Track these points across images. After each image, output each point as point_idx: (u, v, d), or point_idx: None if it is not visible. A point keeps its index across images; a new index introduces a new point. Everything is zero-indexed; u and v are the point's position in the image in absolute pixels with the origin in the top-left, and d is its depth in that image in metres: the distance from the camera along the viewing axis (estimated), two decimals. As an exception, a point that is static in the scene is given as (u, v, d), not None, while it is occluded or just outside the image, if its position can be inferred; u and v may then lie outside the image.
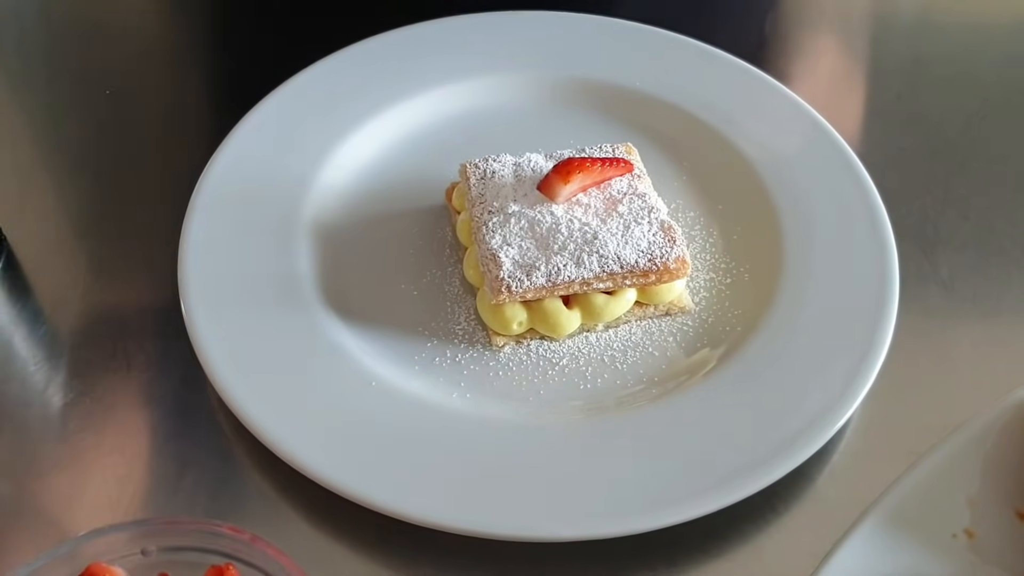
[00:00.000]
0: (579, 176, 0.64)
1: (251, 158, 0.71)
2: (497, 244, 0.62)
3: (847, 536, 0.49)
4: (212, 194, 0.69)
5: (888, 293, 0.63)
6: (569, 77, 0.78)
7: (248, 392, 0.58)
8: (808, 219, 0.68)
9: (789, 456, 0.56)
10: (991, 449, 0.51)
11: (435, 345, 0.64)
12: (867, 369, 0.60)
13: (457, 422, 0.59)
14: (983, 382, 0.63)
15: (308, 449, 0.56)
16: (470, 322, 0.65)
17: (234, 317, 0.62)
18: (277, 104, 0.75)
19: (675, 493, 0.55)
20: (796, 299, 0.64)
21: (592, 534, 0.54)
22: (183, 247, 0.65)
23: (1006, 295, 0.69)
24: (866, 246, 0.66)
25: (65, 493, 0.58)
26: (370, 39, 0.80)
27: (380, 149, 0.74)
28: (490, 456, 0.57)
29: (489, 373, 0.62)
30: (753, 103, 0.76)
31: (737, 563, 0.56)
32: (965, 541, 0.50)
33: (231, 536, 0.46)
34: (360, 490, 0.55)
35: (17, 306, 0.68)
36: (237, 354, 0.60)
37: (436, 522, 0.54)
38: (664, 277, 0.62)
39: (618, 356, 0.63)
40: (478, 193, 0.65)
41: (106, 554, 0.47)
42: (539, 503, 0.55)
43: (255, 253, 0.66)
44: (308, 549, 0.56)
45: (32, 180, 0.77)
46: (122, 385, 0.63)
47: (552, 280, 0.61)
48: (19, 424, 0.61)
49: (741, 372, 0.61)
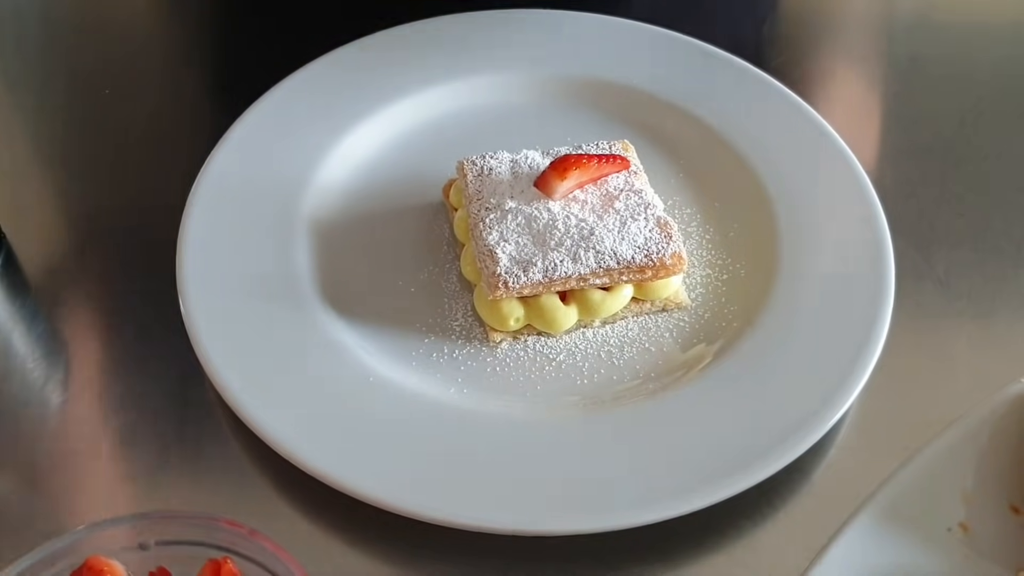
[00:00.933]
0: (576, 173, 0.64)
1: (248, 156, 0.72)
2: (494, 240, 0.62)
3: (842, 530, 0.49)
4: (210, 192, 0.69)
5: (884, 289, 0.63)
6: (565, 75, 0.78)
7: (246, 388, 0.58)
8: (804, 216, 0.68)
9: (785, 451, 0.56)
10: (986, 444, 0.52)
11: (432, 341, 0.64)
12: (862, 365, 0.60)
13: (454, 417, 0.59)
14: (978, 378, 0.64)
15: (306, 444, 0.56)
16: (467, 318, 0.65)
17: (232, 314, 0.62)
18: (274, 103, 0.75)
19: (672, 487, 0.55)
20: (792, 296, 0.64)
21: (589, 528, 0.54)
22: (181, 245, 0.66)
23: (1001, 292, 0.69)
24: (862, 243, 0.66)
25: (64, 490, 0.58)
26: (366, 38, 0.80)
27: (377, 147, 0.75)
28: (488, 451, 0.57)
29: (486, 369, 0.63)
30: (750, 101, 0.76)
31: (732, 557, 0.56)
32: (960, 535, 0.50)
33: (229, 530, 0.46)
34: (358, 485, 0.55)
35: (16, 304, 0.68)
36: (235, 351, 0.60)
37: (434, 517, 0.54)
38: (660, 273, 0.63)
39: (615, 352, 0.64)
40: (475, 190, 0.66)
41: (104, 548, 0.46)
42: (537, 498, 0.55)
43: (253, 251, 0.67)
44: (306, 543, 0.56)
45: (31, 178, 0.77)
46: (121, 382, 0.64)
47: (549, 276, 0.61)
48: (17, 421, 0.61)
49: (737, 368, 0.61)
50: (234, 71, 0.87)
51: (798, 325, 0.63)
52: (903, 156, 0.78)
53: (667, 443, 0.57)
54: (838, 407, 0.58)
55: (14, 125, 0.82)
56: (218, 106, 0.84)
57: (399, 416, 0.59)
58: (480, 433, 0.58)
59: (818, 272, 0.65)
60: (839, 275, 0.65)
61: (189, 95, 0.85)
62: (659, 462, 0.56)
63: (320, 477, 0.55)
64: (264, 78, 0.77)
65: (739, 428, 0.58)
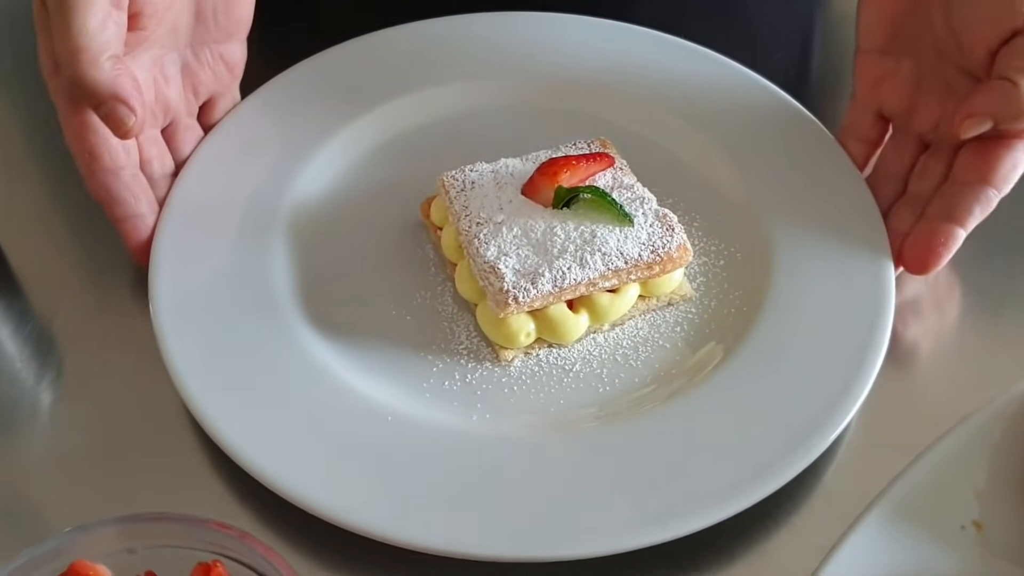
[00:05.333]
0: (566, 175, 0.62)
1: (214, 182, 0.68)
2: (493, 255, 0.60)
3: (853, 529, 0.47)
4: (175, 241, 0.64)
5: (885, 281, 0.61)
6: (519, 77, 0.75)
7: (264, 451, 0.55)
8: (787, 193, 0.67)
9: (808, 448, 0.55)
10: (999, 440, 0.50)
11: (441, 369, 0.61)
12: (871, 361, 0.58)
13: (482, 446, 0.56)
14: (989, 372, 0.62)
15: (338, 498, 0.53)
16: (472, 339, 0.62)
17: (234, 378, 0.58)
18: (225, 135, 0.71)
19: (700, 495, 0.53)
20: (793, 281, 0.63)
21: (625, 546, 0.52)
22: (153, 300, 0.61)
23: (1011, 286, 0.67)
24: (856, 222, 0.65)
25: (52, 492, 0.57)
26: (315, 56, 0.76)
27: (338, 172, 0.71)
28: (525, 475, 0.55)
29: (504, 390, 0.60)
30: (708, 82, 0.74)
31: (742, 558, 0.54)
32: (974, 533, 0.49)
33: (219, 532, 0.45)
34: (396, 532, 0.52)
35: (4, 303, 0.66)
36: (246, 417, 0.56)
37: (478, 554, 0.52)
38: (668, 267, 0.61)
39: (630, 354, 0.62)
40: (461, 206, 0.63)
41: (90, 551, 0.45)
42: (571, 520, 0.53)
43: (236, 277, 0.63)
44: (298, 546, 0.54)
45: (21, 177, 0.75)
46: (111, 384, 0.62)
47: (559, 285, 0.59)
48: (6, 422, 0.60)
49: (750, 364, 0.59)
50: None
51: (804, 312, 0.61)
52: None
53: (692, 452, 0.55)
54: (851, 404, 0.56)
55: (5, 123, 0.80)
56: None
57: (425, 453, 0.56)
58: (513, 458, 0.56)
59: (815, 253, 0.64)
60: (838, 256, 0.64)
61: None
62: (692, 470, 0.55)
63: (361, 531, 0.52)
64: (258, 79, 0.73)
65: (757, 431, 0.56)
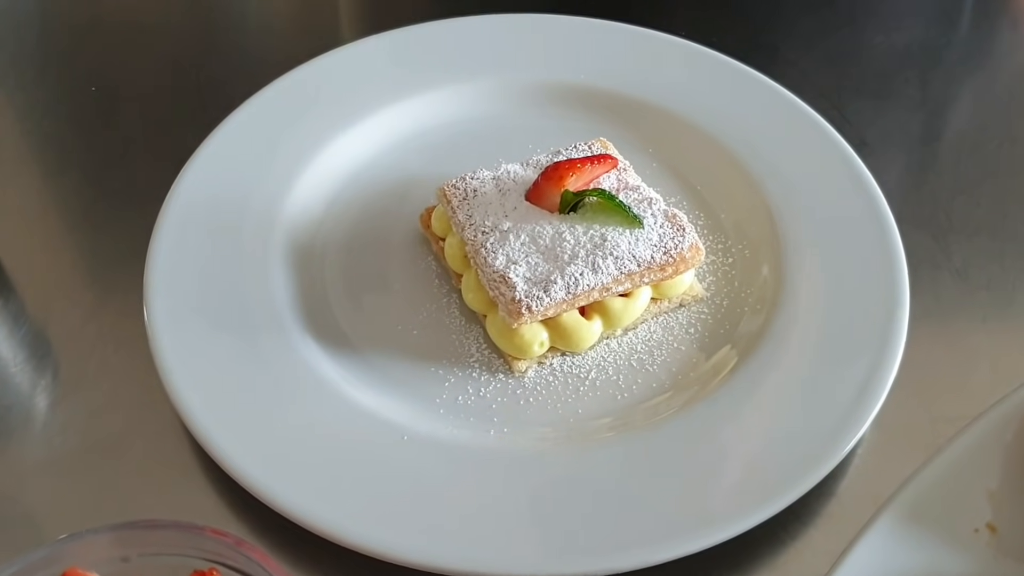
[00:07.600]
0: (571, 179, 0.60)
1: (213, 190, 0.67)
2: (502, 264, 0.58)
3: (864, 532, 0.46)
4: (171, 251, 0.63)
5: (899, 281, 0.61)
6: (513, 81, 0.74)
7: (277, 476, 0.53)
8: (790, 189, 0.67)
9: (825, 456, 0.54)
10: (1011, 440, 0.49)
11: (454, 383, 0.59)
12: (887, 364, 0.57)
13: (503, 463, 0.55)
14: (1000, 371, 0.61)
15: (354, 522, 0.51)
16: (483, 351, 0.61)
17: (238, 398, 0.56)
18: (216, 147, 0.69)
19: (720, 510, 0.52)
20: (803, 279, 0.62)
21: (652, 560, 0.51)
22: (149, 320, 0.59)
23: (1021, 282, 0.67)
24: (860, 216, 0.64)
25: (47, 497, 0.56)
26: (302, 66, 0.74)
27: (335, 184, 0.69)
28: (550, 492, 0.53)
29: (519, 402, 0.59)
30: (711, 83, 0.74)
31: (754, 561, 0.54)
32: (987, 536, 0.47)
33: (215, 539, 0.44)
34: (413, 555, 0.50)
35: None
36: (254, 437, 0.54)
37: (508, 572, 0.50)
38: (681, 267, 0.60)
39: (646, 359, 0.60)
40: (465, 215, 0.61)
41: (84, 559, 0.44)
42: (605, 532, 0.51)
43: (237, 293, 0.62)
44: (294, 553, 0.53)
45: (16, 178, 0.73)
46: (106, 388, 0.60)
47: (572, 292, 0.57)
48: (1, 426, 0.58)
49: (764, 371, 0.58)
50: (224, 71, 0.82)
51: (816, 314, 0.60)
52: (915, 143, 0.75)
53: (714, 462, 0.55)
54: (869, 410, 0.55)
55: (1, 124, 0.78)
56: (209, 105, 0.77)
57: (445, 471, 0.54)
58: (535, 473, 0.54)
59: (822, 250, 0.63)
60: (846, 254, 0.63)
61: (180, 94, 0.81)
62: (713, 482, 0.54)
63: (378, 555, 0.50)
64: (254, 79, 0.73)
65: (773, 438, 0.55)
